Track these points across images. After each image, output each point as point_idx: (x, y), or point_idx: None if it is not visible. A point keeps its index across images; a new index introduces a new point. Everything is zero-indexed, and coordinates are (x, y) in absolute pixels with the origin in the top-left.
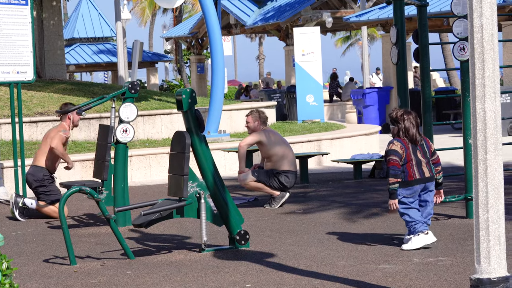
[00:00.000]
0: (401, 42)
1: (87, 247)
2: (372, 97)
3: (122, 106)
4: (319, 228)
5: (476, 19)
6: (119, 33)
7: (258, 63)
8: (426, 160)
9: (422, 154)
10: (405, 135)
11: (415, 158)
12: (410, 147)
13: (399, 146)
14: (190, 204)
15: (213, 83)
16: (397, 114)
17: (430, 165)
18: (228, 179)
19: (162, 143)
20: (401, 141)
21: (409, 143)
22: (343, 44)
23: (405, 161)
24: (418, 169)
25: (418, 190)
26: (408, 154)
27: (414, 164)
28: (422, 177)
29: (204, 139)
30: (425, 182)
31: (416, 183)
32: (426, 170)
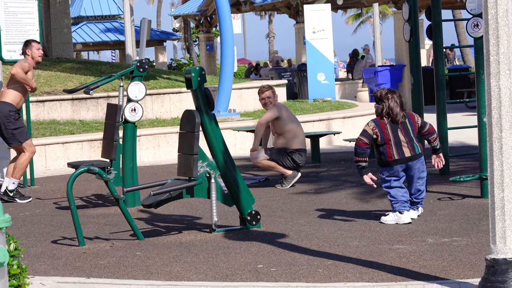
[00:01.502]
0: (413, 19)
1: (95, 228)
2: (384, 76)
3: (130, 85)
4: (331, 208)
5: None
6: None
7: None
8: (407, 139)
9: (404, 133)
10: (388, 113)
11: (394, 139)
12: (389, 127)
13: (371, 127)
14: (200, 184)
15: (222, 61)
16: (382, 93)
17: (413, 144)
18: (238, 158)
19: (171, 122)
20: (378, 122)
21: (387, 123)
22: (354, 22)
23: (383, 141)
24: (397, 150)
25: (399, 169)
26: (386, 134)
27: (393, 144)
28: (401, 157)
29: (214, 118)
30: (405, 162)
31: (395, 163)
32: (407, 150)
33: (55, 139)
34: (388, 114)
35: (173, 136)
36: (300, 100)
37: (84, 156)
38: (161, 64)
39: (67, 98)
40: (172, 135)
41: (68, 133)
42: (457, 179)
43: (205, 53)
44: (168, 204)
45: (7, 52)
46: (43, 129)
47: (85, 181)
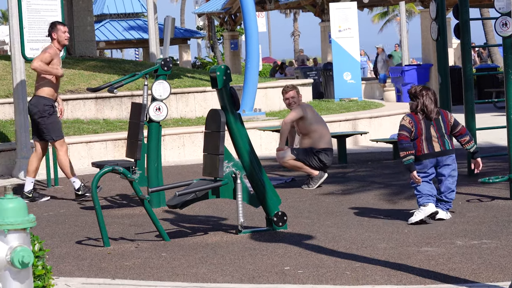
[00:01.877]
0: (441, 17)
1: (120, 228)
2: (411, 75)
3: (155, 84)
4: (359, 209)
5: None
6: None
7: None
8: (438, 135)
9: (436, 129)
10: (422, 109)
11: (426, 133)
12: (423, 122)
13: (407, 121)
14: (226, 184)
15: (247, 60)
16: (416, 90)
17: (444, 140)
18: (264, 158)
19: (196, 121)
20: (412, 116)
21: (421, 118)
22: (380, 20)
23: (415, 136)
24: (428, 144)
25: (429, 165)
26: (419, 129)
27: (424, 139)
28: (431, 152)
29: (239, 118)
30: (435, 156)
31: (424, 158)
32: (437, 145)
33: (79, 139)
34: (423, 110)
35: (198, 135)
36: (326, 100)
37: (108, 156)
38: (185, 63)
39: (90, 97)
40: (197, 134)
41: (92, 132)
42: (486, 181)
43: (230, 51)
44: (193, 205)
45: (30, 50)
46: (66, 128)
47: (109, 181)
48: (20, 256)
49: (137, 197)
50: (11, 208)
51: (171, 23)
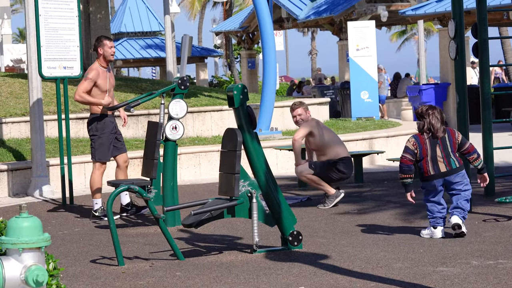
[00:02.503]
0: (459, 36)
1: (135, 247)
2: (428, 94)
3: (171, 102)
4: (374, 229)
5: None
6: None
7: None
8: (444, 154)
9: (442, 148)
10: (429, 129)
11: (431, 154)
12: (428, 142)
13: (412, 143)
14: (241, 203)
15: (264, 79)
16: (423, 110)
17: (450, 159)
18: (280, 178)
19: (212, 140)
20: (418, 137)
21: (427, 139)
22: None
23: (421, 157)
24: (433, 165)
25: (436, 185)
26: (424, 149)
27: (429, 160)
28: (437, 173)
29: (256, 137)
30: (441, 177)
31: (432, 178)
32: (443, 165)
33: None
34: (429, 129)
35: (214, 154)
36: (343, 119)
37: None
38: (202, 81)
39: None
40: (213, 153)
41: None
42: (503, 200)
43: (247, 70)
44: (208, 224)
45: (47, 69)
46: (82, 146)
47: None
48: (35, 275)
49: (152, 216)
50: (26, 227)
51: (188, 41)
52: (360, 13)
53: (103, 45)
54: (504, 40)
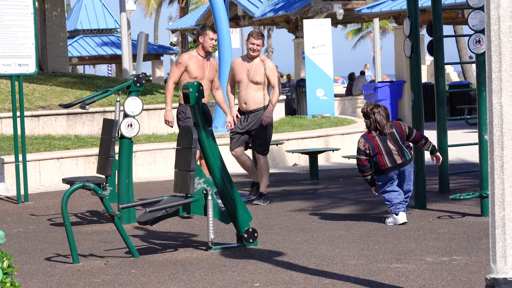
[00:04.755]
0: (414, 34)
1: (90, 245)
2: (384, 92)
3: (127, 100)
4: (330, 226)
5: (493, 11)
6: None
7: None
8: (397, 147)
9: (393, 142)
10: (375, 127)
11: (385, 148)
12: (378, 139)
13: (362, 143)
14: (196, 201)
15: (220, 76)
16: (368, 109)
17: (403, 151)
18: (236, 175)
19: (168, 138)
20: (366, 136)
21: (376, 135)
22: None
23: (375, 153)
24: (389, 158)
25: (393, 175)
26: (375, 146)
27: (384, 154)
28: (394, 165)
29: (211, 134)
30: (398, 168)
31: (389, 171)
32: (398, 157)
33: (50, 155)
34: (376, 127)
35: (170, 152)
36: (298, 116)
37: (79, 172)
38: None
39: (62, 113)
40: (169, 151)
41: (63, 148)
42: (457, 197)
43: None
44: (164, 221)
45: (2, 66)
46: (37, 144)
47: (80, 197)
48: None
49: (107, 214)
50: None
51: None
52: (316, 11)
53: (205, 35)
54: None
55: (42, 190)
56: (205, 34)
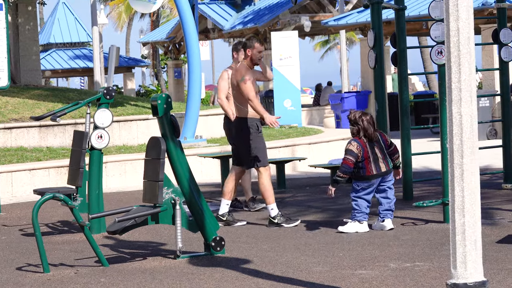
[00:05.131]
0: (378, 46)
1: (61, 254)
2: (350, 102)
3: (97, 112)
4: (296, 233)
5: (452, 23)
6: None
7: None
8: (382, 155)
9: (379, 150)
10: (364, 134)
11: (373, 155)
12: (368, 145)
13: (355, 146)
14: (165, 210)
15: (189, 88)
16: (355, 116)
17: (387, 160)
18: (204, 185)
19: (138, 149)
20: (358, 141)
21: (366, 141)
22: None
23: (363, 158)
24: (375, 165)
25: (375, 183)
26: (366, 152)
27: (372, 160)
28: (379, 172)
29: (179, 145)
30: (382, 175)
31: (373, 178)
32: (383, 165)
33: (22, 166)
34: (365, 135)
35: (140, 162)
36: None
37: (51, 183)
38: (130, 91)
39: (34, 125)
40: (139, 161)
41: (35, 160)
42: (420, 205)
43: (173, 79)
44: (133, 231)
45: None
46: (10, 156)
47: (51, 208)
48: None
49: (77, 224)
50: None
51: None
52: (284, 24)
53: (253, 47)
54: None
55: (14, 201)
56: (252, 47)
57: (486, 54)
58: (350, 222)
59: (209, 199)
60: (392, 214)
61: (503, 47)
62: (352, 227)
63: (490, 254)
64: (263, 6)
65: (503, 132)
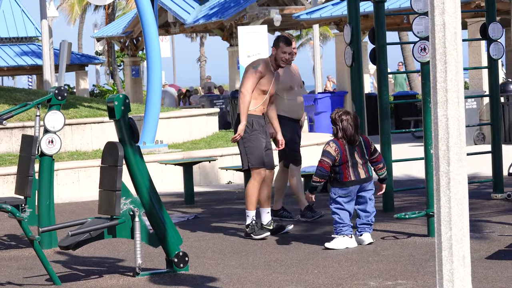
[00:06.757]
0: (356, 42)
1: (7, 272)
2: (324, 103)
3: (47, 114)
4: (267, 249)
5: (437, 17)
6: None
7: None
8: (363, 161)
9: (360, 155)
10: (343, 136)
11: (351, 160)
12: (347, 148)
13: (333, 148)
14: (123, 223)
15: (149, 88)
16: (336, 115)
17: (367, 166)
18: (165, 194)
19: (93, 155)
20: (337, 142)
21: (346, 144)
22: None
23: (341, 162)
24: (354, 171)
25: (354, 190)
26: (344, 155)
27: (350, 165)
28: (357, 179)
29: (138, 151)
30: (360, 183)
31: (351, 184)
32: (362, 171)
33: None
34: (343, 136)
35: (95, 170)
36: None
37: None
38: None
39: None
40: (94, 168)
41: None
42: (402, 216)
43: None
44: (88, 245)
45: None
46: None
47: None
48: None
49: (26, 238)
50: None
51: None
52: (252, 17)
53: (279, 47)
54: (404, 46)
55: None
56: (278, 46)
57: (473, 50)
58: (336, 238)
59: (171, 210)
60: (371, 227)
61: (492, 43)
62: (340, 243)
63: (479, 271)
64: None
65: (492, 136)
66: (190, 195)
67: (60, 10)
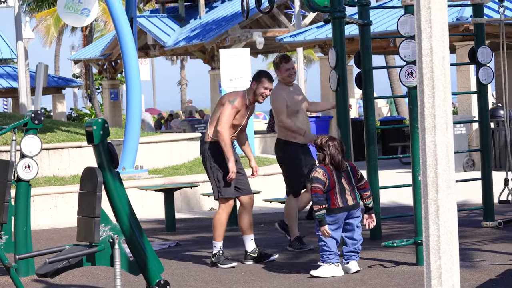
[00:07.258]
0: (341, 66)
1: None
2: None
3: (24, 139)
4: (250, 277)
5: (424, 41)
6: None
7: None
8: (350, 188)
9: (347, 181)
10: (330, 161)
11: (339, 186)
12: (334, 174)
13: (321, 173)
14: (102, 250)
15: (128, 112)
16: (322, 141)
17: (355, 192)
18: (146, 221)
19: (71, 180)
20: (325, 168)
21: (333, 170)
22: None
23: (328, 188)
24: (341, 198)
25: (341, 218)
26: (332, 181)
27: (337, 191)
28: (345, 206)
29: (118, 176)
30: (348, 210)
31: (339, 211)
32: (350, 198)
33: None
34: (331, 162)
35: (73, 196)
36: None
37: None
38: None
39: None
40: (72, 194)
41: None
42: (390, 245)
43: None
44: (66, 273)
45: None
46: None
47: None
48: None
49: (2, 265)
50: None
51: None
52: (234, 40)
53: (260, 82)
54: (391, 69)
55: None
56: (259, 81)
57: (461, 75)
58: (323, 266)
59: (152, 237)
60: (358, 255)
61: (481, 67)
62: (327, 271)
63: None
64: (210, 20)
65: (482, 163)
66: (172, 221)
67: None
